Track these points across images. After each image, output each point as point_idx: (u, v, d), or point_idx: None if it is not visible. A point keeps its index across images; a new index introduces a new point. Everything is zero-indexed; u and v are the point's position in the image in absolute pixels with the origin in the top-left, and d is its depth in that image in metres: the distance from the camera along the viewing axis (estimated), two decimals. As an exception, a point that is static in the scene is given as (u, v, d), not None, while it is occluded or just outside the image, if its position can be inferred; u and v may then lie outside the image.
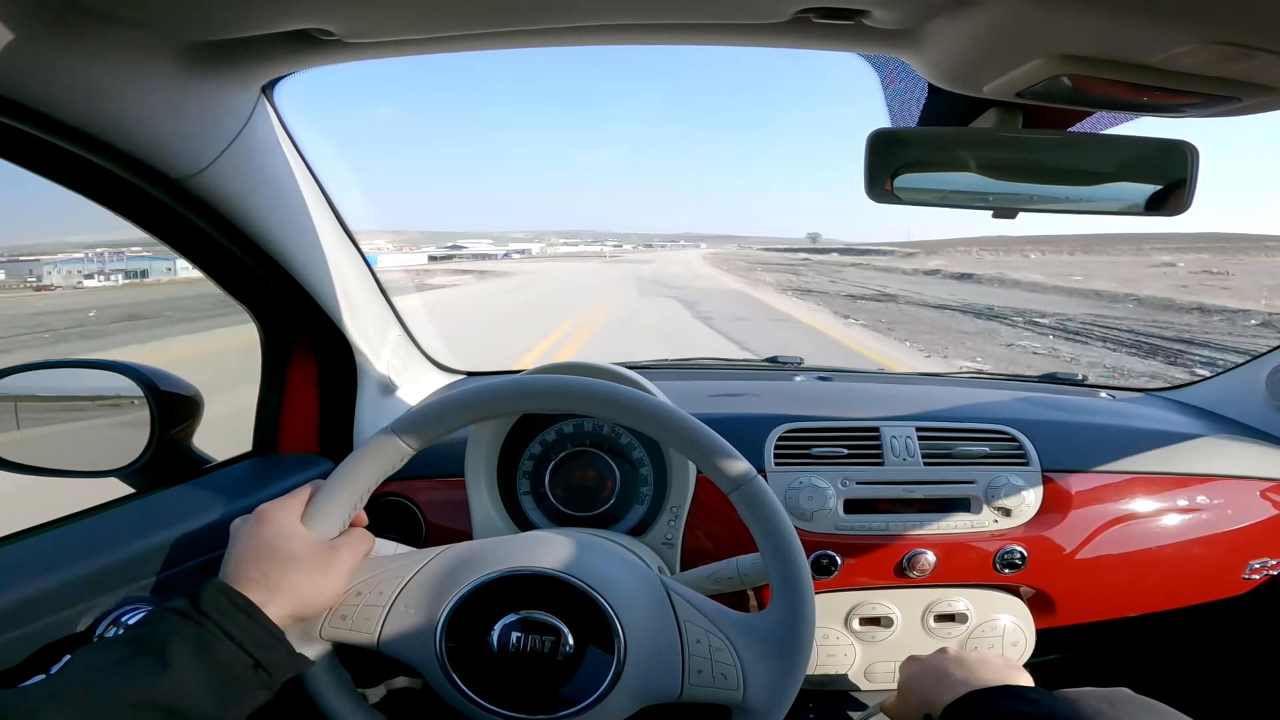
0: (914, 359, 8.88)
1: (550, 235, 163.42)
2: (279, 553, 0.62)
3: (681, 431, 0.68)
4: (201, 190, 0.76)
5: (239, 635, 0.55)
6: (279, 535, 0.63)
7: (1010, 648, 1.06)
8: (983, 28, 0.55)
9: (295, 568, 0.61)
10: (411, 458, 0.70)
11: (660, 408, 0.68)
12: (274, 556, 0.61)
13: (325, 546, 0.64)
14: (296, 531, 0.64)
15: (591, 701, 0.61)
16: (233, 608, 0.57)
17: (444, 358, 1.46)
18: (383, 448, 0.68)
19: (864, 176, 0.77)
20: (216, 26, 0.63)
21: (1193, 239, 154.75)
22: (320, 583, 0.62)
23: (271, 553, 0.61)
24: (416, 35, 0.69)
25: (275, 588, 0.60)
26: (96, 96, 0.62)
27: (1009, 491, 1.03)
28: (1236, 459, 1.13)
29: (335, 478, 0.67)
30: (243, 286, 0.95)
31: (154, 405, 0.87)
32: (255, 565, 0.61)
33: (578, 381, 0.70)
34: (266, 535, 0.62)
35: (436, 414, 0.68)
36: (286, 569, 0.61)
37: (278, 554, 0.61)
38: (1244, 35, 0.48)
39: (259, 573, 0.60)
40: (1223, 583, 1.10)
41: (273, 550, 0.62)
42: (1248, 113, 0.61)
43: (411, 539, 1.00)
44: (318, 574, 0.62)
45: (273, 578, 0.60)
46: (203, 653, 0.53)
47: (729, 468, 0.67)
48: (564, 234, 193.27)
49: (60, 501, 0.83)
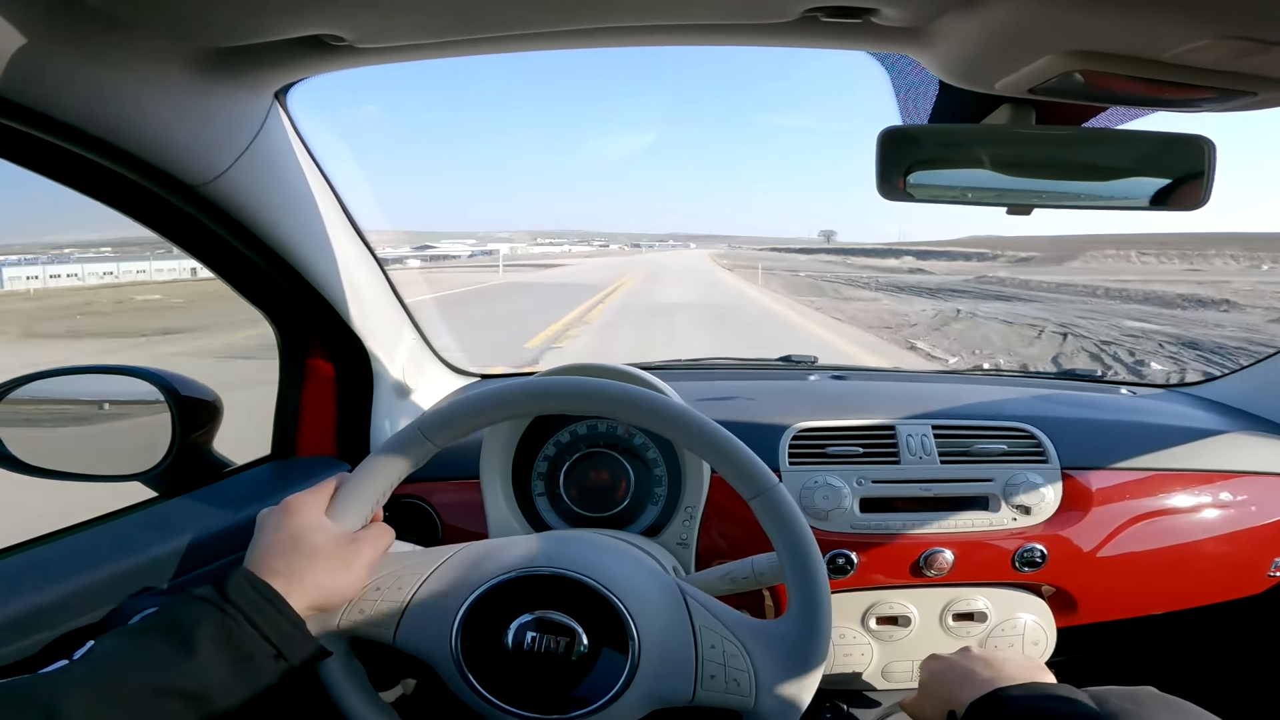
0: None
1: (536, 235, 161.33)
2: (303, 544, 0.62)
3: (703, 436, 0.68)
4: (217, 196, 0.77)
5: (263, 625, 0.56)
6: (304, 527, 0.64)
7: (1031, 646, 1.05)
8: (994, 24, 0.54)
9: (318, 560, 0.62)
10: (428, 460, 0.70)
11: (682, 412, 0.68)
12: (298, 548, 0.62)
13: (348, 540, 0.65)
14: (321, 524, 0.65)
15: (604, 702, 0.61)
16: (258, 597, 0.57)
17: (459, 361, 1.47)
18: (409, 444, 0.69)
19: (875, 174, 0.77)
20: (231, 33, 0.64)
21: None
22: (341, 576, 0.63)
23: (296, 544, 0.62)
24: (426, 40, 0.69)
25: (298, 579, 0.60)
26: (113, 103, 0.63)
27: (1028, 489, 1.02)
28: (1260, 455, 1.11)
29: (361, 472, 0.68)
30: (259, 291, 0.96)
31: (175, 410, 0.89)
32: (280, 556, 0.61)
33: (601, 384, 0.70)
34: (293, 526, 0.63)
35: (462, 412, 0.69)
36: (310, 561, 0.62)
37: (302, 546, 0.62)
38: (1260, 30, 0.47)
39: (284, 563, 0.61)
40: (1247, 580, 1.09)
41: (297, 542, 0.62)
42: (1263, 107, 0.60)
43: (428, 541, 1.00)
44: (339, 567, 0.63)
45: (296, 569, 0.61)
46: (227, 641, 0.54)
47: (750, 474, 0.67)
48: (550, 234, 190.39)
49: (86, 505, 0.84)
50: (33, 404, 0.89)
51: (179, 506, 0.87)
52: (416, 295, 11.79)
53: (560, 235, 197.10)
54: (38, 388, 0.88)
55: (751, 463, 0.67)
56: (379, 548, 0.67)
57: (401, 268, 32.60)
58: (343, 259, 0.98)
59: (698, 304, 17.08)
